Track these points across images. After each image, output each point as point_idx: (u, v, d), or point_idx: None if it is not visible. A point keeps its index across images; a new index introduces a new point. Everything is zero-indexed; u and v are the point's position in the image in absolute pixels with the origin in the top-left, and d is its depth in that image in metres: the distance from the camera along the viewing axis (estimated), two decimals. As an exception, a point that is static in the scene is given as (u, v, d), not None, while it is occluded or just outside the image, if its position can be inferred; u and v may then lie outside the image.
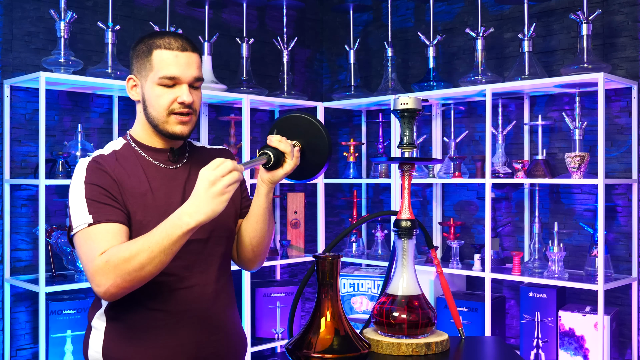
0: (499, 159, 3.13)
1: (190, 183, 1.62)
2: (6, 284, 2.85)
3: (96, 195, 1.49)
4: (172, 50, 1.55)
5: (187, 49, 1.57)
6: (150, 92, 1.57)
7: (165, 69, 1.54)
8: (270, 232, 1.69)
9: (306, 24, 4.09)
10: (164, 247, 1.38)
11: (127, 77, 1.62)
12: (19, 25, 2.94)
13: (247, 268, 1.76)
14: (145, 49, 1.58)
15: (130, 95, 1.63)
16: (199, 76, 1.59)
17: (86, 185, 1.50)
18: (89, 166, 1.53)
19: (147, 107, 1.58)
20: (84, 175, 1.52)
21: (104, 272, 1.40)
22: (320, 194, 3.67)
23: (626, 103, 2.95)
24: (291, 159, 1.56)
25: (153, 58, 1.56)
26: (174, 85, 1.56)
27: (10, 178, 2.88)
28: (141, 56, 1.58)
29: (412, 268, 1.58)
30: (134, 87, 1.62)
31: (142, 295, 1.52)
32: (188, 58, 1.57)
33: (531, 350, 2.95)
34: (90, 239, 1.46)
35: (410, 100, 1.59)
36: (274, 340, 3.51)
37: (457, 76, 3.44)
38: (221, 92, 3.31)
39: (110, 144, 1.64)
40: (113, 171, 1.54)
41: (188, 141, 1.71)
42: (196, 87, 1.60)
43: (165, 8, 3.32)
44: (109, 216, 1.48)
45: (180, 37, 1.59)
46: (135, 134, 1.64)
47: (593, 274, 2.84)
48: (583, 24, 2.86)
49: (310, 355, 1.33)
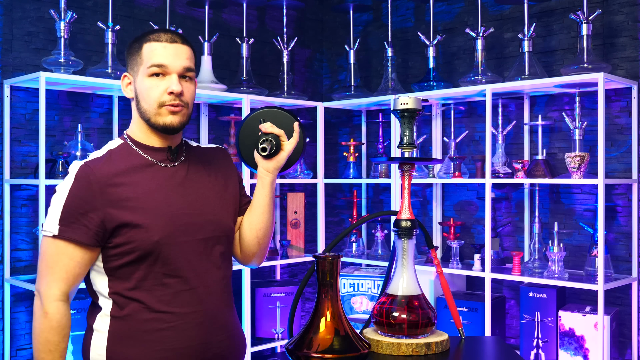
0: (499, 159, 3.13)
1: (188, 182, 1.62)
2: (6, 284, 2.85)
3: (73, 208, 1.51)
4: (160, 42, 1.57)
5: (177, 41, 1.59)
6: (141, 86, 1.58)
7: (154, 58, 1.56)
8: (273, 222, 1.73)
9: (306, 24, 4.09)
10: None
11: (122, 75, 1.64)
12: (19, 25, 2.94)
13: (252, 263, 1.77)
14: (136, 46, 1.60)
15: (125, 93, 1.64)
16: (189, 66, 1.59)
17: (69, 193, 1.52)
18: (78, 174, 1.54)
19: (139, 102, 1.59)
20: (71, 183, 1.53)
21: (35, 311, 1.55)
22: (320, 194, 3.67)
23: (626, 103, 2.95)
24: (287, 139, 1.64)
25: (143, 51, 1.58)
26: (164, 77, 1.56)
27: (10, 178, 2.88)
28: (133, 53, 1.60)
29: (412, 268, 1.58)
30: (129, 84, 1.63)
31: (148, 297, 1.52)
32: (177, 49, 1.58)
33: (531, 350, 2.95)
34: (49, 254, 1.53)
35: (410, 100, 1.59)
36: (274, 340, 3.50)
37: (457, 76, 3.44)
38: (221, 92, 3.31)
39: (107, 145, 1.64)
40: (101, 179, 1.53)
41: (184, 140, 1.70)
42: (188, 80, 1.60)
43: (165, 8, 3.32)
44: (73, 235, 1.51)
45: (170, 31, 1.61)
46: (132, 133, 1.64)
47: (593, 274, 2.84)
48: (583, 24, 2.86)
49: (310, 355, 1.34)
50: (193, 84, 1.63)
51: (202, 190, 1.64)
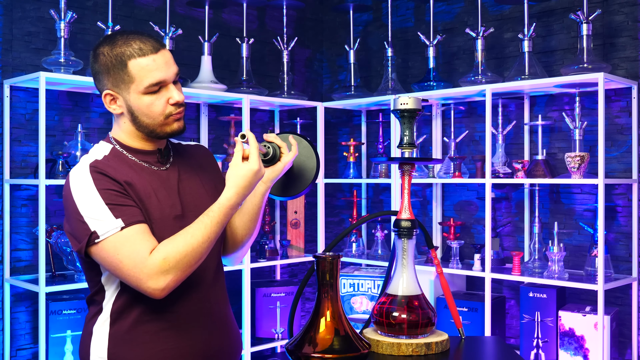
0: (499, 159, 3.13)
1: (182, 184, 1.62)
2: (6, 284, 2.85)
3: (115, 199, 1.47)
4: (147, 55, 1.51)
5: (159, 47, 1.54)
6: (138, 103, 1.53)
7: (149, 77, 1.51)
8: (257, 229, 1.74)
9: (306, 24, 4.09)
10: (217, 233, 1.50)
11: (103, 94, 1.56)
12: (19, 25, 2.94)
13: (231, 263, 1.79)
14: (115, 62, 1.52)
15: (112, 109, 1.57)
16: (178, 70, 1.58)
17: (100, 192, 1.47)
18: (92, 172, 1.49)
19: (137, 117, 1.55)
20: (92, 182, 1.48)
21: (164, 270, 1.43)
22: (320, 194, 3.67)
23: (626, 103, 2.95)
24: (287, 152, 1.63)
25: (130, 69, 1.51)
26: (159, 89, 1.53)
27: (10, 178, 2.88)
28: (113, 70, 1.52)
29: (412, 268, 1.58)
30: (113, 101, 1.56)
31: (147, 298, 1.52)
32: (164, 56, 1.54)
33: (531, 350, 2.95)
34: (128, 242, 1.44)
35: (410, 100, 1.59)
36: (274, 340, 3.50)
37: (457, 76, 3.44)
38: (221, 92, 3.31)
39: (96, 149, 1.59)
40: (116, 175, 1.51)
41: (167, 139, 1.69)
42: (176, 81, 1.58)
43: (165, 8, 3.32)
44: (137, 217, 1.48)
45: (144, 37, 1.54)
46: (120, 138, 1.60)
47: (593, 274, 2.84)
48: (583, 24, 2.86)
49: (310, 355, 1.34)
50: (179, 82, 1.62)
51: (196, 191, 1.64)
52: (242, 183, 1.50)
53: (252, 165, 1.51)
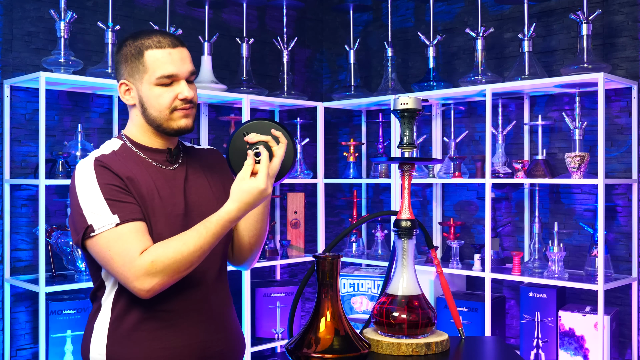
0: (499, 159, 3.13)
1: (188, 183, 1.62)
2: (6, 284, 2.85)
3: (115, 194, 1.48)
4: (164, 48, 1.55)
5: (178, 44, 1.57)
6: (148, 94, 1.56)
7: (162, 68, 1.54)
8: (266, 230, 1.72)
9: (306, 24, 4.09)
10: (212, 244, 1.48)
11: (119, 83, 1.60)
12: (19, 25, 2.94)
13: (243, 267, 1.78)
14: (134, 52, 1.56)
15: (125, 100, 1.60)
16: (193, 70, 1.60)
17: (101, 186, 1.48)
18: (96, 166, 1.51)
19: (146, 109, 1.57)
20: (94, 176, 1.50)
21: (151, 273, 1.43)
22: (320, 194, 3.67)
23: (626, 103, 2.95)
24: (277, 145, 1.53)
25: (146, 59, 1.55)
26: (171, 83, 1.56)
27: (10, 178, 2.88)
28: (131, 59, 1.57)
29: (412, 268, 1.58)
30: (127, 91, 1.60)
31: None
32: (180, 53, 1.57)
33: (531, 350, 2.95)
34: (121, 239, 1.45)
35: (410, 100, 1.59)
36: (274, 340, 3.50)
37: (457, 76, 3.44)
38: (221, 92, 3.31)
39: (107, 144, 1.62)
40: (119, 171, 1.52)
41: (179, 140, 1.70)
42: (191, 81, 1.60)
43: (165, 8, 3.32)
44: (134, 214, 1.48)
45: (166, 34, 1.59)
46: (131, 134, 1.63)
47: (593, 274, 2.84)
48: (583, 24, 2.86)
49: (310, 355, 1.34)
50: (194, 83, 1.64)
51: (202, 191, 1.64)
52: (246, 199, 1.47)
53: (259, 184, 1.47)
